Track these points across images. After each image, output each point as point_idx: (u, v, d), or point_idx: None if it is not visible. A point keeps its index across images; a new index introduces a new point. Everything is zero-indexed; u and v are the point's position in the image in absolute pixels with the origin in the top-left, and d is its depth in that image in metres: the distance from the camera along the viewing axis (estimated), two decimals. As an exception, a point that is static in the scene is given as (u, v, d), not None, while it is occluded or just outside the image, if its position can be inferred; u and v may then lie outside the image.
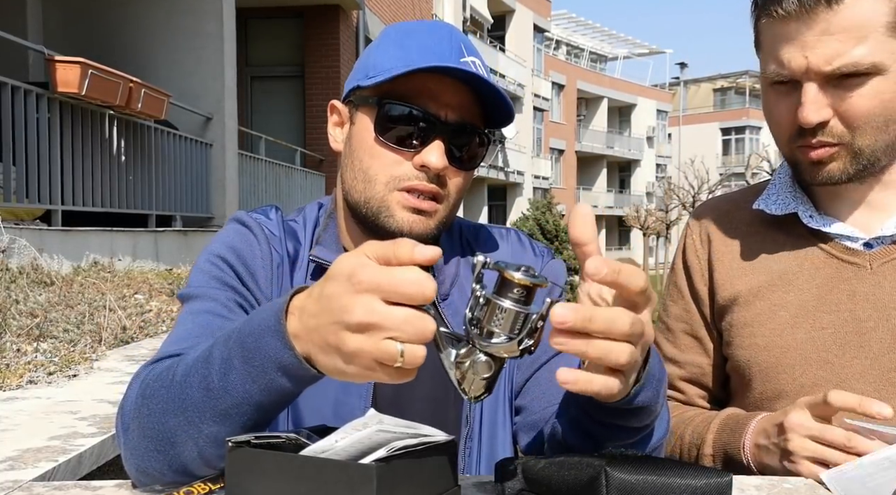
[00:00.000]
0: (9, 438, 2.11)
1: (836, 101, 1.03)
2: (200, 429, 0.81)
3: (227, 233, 1.10)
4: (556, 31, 40.88)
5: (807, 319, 1.13)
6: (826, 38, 1.00)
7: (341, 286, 0.68)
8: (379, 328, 0.66)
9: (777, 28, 1.04)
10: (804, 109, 1.03)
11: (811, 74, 1.02)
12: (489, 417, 1.09)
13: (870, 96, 1.02)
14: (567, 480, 0.77)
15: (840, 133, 1.05)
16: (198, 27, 8.26)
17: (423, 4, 17.73)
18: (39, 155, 5.51)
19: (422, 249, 0.67)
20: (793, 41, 1.02)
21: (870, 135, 1.05)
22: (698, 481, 0.73)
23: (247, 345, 0.77)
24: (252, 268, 1.06)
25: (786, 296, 1.15)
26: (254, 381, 0.77)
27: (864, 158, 1.07)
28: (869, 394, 1.02)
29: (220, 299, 1.01)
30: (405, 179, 1.02)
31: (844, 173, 1.08)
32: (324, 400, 1.03)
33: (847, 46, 0.99)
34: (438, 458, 0.76)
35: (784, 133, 1.10)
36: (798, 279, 1.15)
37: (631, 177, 46.52)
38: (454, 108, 1.01)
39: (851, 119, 1.04)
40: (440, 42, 1.02)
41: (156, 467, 0.85)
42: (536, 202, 25.59)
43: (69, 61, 5.60)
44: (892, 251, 1.11)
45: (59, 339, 3.60)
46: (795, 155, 1.11)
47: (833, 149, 1.06)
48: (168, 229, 7.36)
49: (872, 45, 0.99)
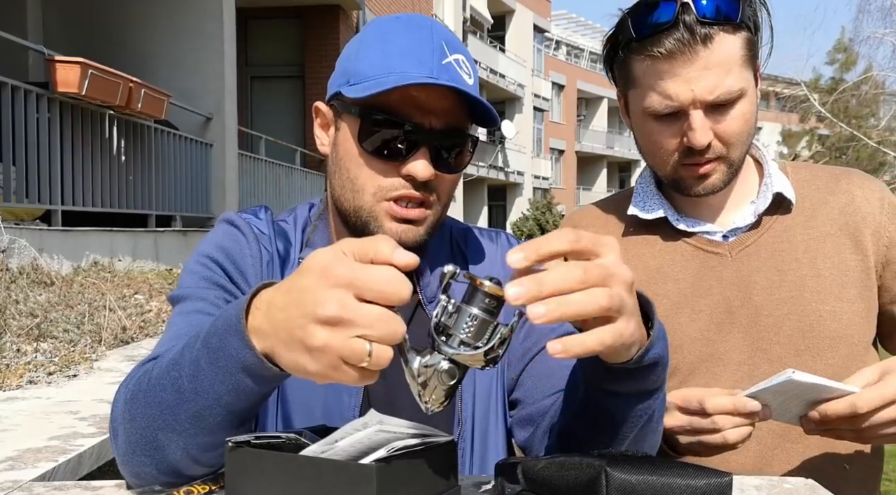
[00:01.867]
0: (9, 438, 2.11)
1: (715, 124, 1.20)
2: (179, 431, 0.81)
3: (215, 234, 1.10)
4: (556, 32, 40.87)
5: (686, 305, 1.30)
6: (706, 72, 1.16)
7: (314, 279, 0.66)
8: (349, 324, 0.64)
9: (659, 66, 1.18)
10: (696, 134, 1.19)
11: (697, 103, 1.18)
12: (481, 418, 1.08)
13: (739, 117, 1.20)
14: (567, 480, 0.77)
15: (719, 150, 1.22)
16: (198, 27, 8.26)
17: (422, 4, 17.73)
18: (39, 155, 5.51)
19: (401, 253, 0.67)
20: (677, 76, 1.17)
21: (740, 148, 1.24)
22: (699, 481, 0.73)
23: (211, 346, 0.76)
24: (241, 266, 1.06)
25: (664, 287, 1.32)
26: (221, 383, 0.77)
27: (734, 168, 1.26)
28: (743, 362, 1.25)
29: (210, 299, 1.01)
30: (392, 189, 1.01)
31: (723, 183, 1.26)
32: (314, 398, 1.03)
33: (721, 78, 1.17)
34: (438, 458, 0.76)
35: (670, 156, 1.25)
36: (672, 271, 1.33)
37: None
38: (438, 114, 1.00)
39: (728, 137, 1.21)
40: (420, 44, 1.00)
41: (146, 471, 0.86)
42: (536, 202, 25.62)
43: (69, 61, 5.61)
44: (746, 240, 1.31)
45: (59, 339, 3.60)
46: (679, 173, 1.26)
47: (714, 164, 1.24)
48: (168, 229, 7.36)
49: (737, 74, 1.18)
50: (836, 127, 21.64)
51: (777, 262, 1.29)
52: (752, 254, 1.30)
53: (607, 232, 1.39)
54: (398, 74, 0.97)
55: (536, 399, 1.07)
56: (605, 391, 0.86)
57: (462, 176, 1.11)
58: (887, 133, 21.23)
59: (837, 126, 21.44)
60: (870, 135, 20.60)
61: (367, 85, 0.98)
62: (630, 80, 1.24)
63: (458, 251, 1.17)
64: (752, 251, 1.30)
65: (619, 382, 0.84)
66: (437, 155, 1.01)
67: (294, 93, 12.30)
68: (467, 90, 0.98)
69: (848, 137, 20.97)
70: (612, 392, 0.86)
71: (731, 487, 0.74)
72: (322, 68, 11.99)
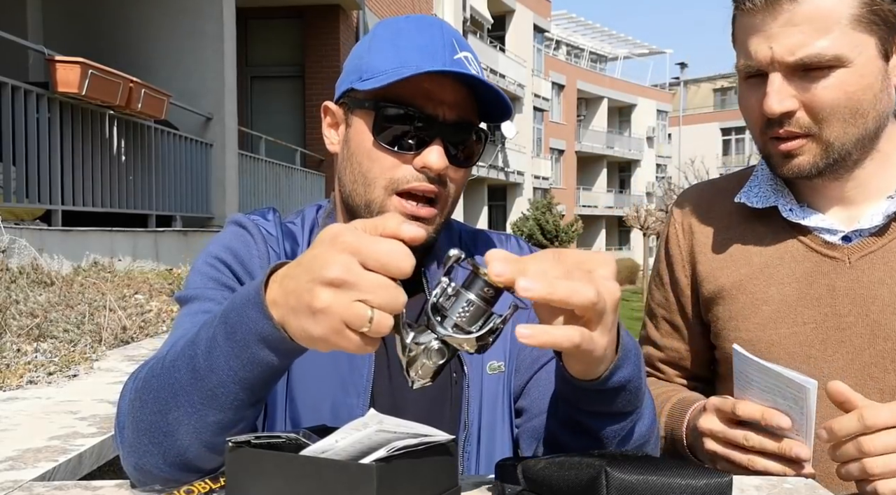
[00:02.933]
0: (9, 438, 2.11)
1: (801, 92, 1.05)
2: (190, 413, 0.81)
3: (223, 235, 1.10)
4: (556, 32, 40.88)
5: (789, 314, 1.14)
6: (789, 28, 1.02)
7: (324, 246, 0.69)
8: (352, 287, 0.67)
9: (746, 20, 1.07)
10: (769, 99, 1.05)
11: (776, 65, 1.04)
12: (488, 421, 1.09)
13: (834, 88, 1.03)
14: (567, 480, 0.77)
15: (807, 124, 1.06)
16: (198, 27, 8.26)
17: (422, 4, 17.72)
18: (39, 155, 5.51)
19: (408, 226, 0.69)
20: (759, 32, 1.05)
21: (837, 127, 1.05)
22: (698, 481, 0.73)
23: (230, 320, 0.77)
24: (249, 267, 1.06)
25: (768, 290, 1.16)
26: (237, 357, 0.77)
27: (833, 151, 1.07)
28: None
29: (217, 299, 1.01)
30: (405, 182, 1.01)
31: (814, 166, 1.08)
32: (322, 399, 1.03)
33: (810, 38, 1.01)
34: (439, 458, 0.76)
35: (756, 125, 1.12)
36: (779, 272, 1.16)
37: (631, 178, 46.51)
38: (451, 106, 1.01)
39: (817, 110, 1.05)
40: (432, 39, 1.01)
41: (152, 462, 0.85)
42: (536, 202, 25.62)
43: (69, 61, 5.60)
44: (870, 244, 1.12)
45: (59, 339, 3.60)
46: (768, 147, 1.12)
47: (802, 141, 1.07)
48: (168, 229, 7.36)
49: (836, 37, 1.01)
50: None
51: None
52: (875, 261, 1.11)
53: (713, 219, 1.25)
54: (413, 66, 0.98)
55: (542, 409, 1.07)
56: (579, 409, 0.88)
57: (469, 174, 1.11)
58: None
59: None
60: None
61: (382, 77, 0.99)
62: (733, 38, 1.13)
63: (468, 252, 1.17)
64: (876, 258, 1.11)
65: (588, 402, 0.86)
66: (449, 148, 1.02)
67: (294, 93, 12.29)
68: (483, 79, 1.00)
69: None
70: (585, 411, 0.88)
71: (731, 487, 0.74)
72: (322, 68, 11.98)
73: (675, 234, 1.31)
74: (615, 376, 0.82)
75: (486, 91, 1.02)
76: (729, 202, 1.24)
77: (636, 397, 0.87)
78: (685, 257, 1.29)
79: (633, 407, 0.88)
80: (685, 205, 1.31)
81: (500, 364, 1.10)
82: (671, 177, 33.64)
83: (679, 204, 1.33)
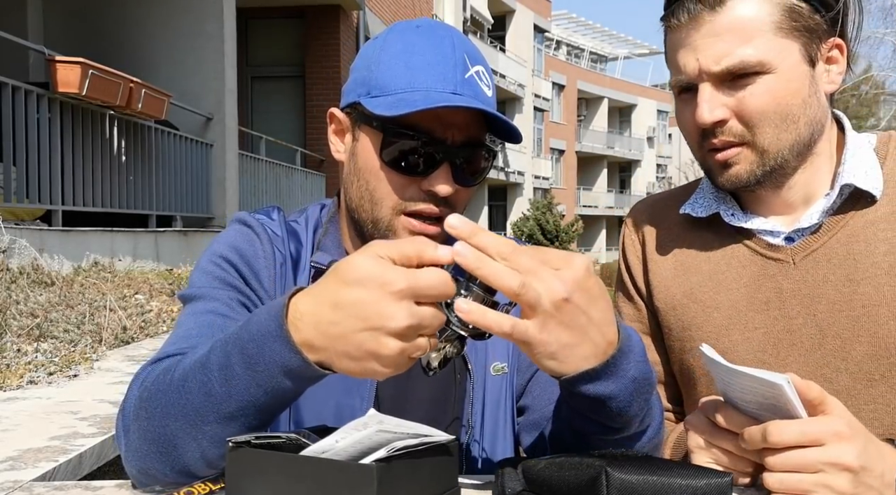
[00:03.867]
0: (9, 438, 2.11)
1: (731, 101, 1.06)
2: (203, 432, 0.81)
3: (229, 234, 1.10)
4: (556, 32, 40.90)
5: (739, 320, 1.14)
6: (712, 39, 1.04)
7: (373, 293, 0.69)
8: (419, 329, 0.70)
9: (674, 37, 1.09)
10: (700, 109, 1.06)
11: (703, 75, 1.06)
12: (491, 422, 1.09)
13: (762, 94, 1.05)
14: (567, 480, 0.77)
15: (739, 132, 1.07)
16: (198, 27, 8.26)
17: (422, 4, 17.72)
18: (39, 155, 5.51)
19: (443, 250, 0.72)
20: (685, 46, 1.07)
21: (770, 132, 1.06)
22: (699, 481, 0.73)
23: (248, 351, 0.77)
24: (255, 267, 1.06)
25: (717, 297, 1.16)
26: (258, 386, 0.77)
27: (769, 158, 1.08)
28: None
29: (223, 299, 1.01)
30: (412, 204, 1.01)
31: (752, 174, 1.09)
32: (325, 401, 1.03)
33: (733, 46, 1.03)
34: (439, 458, 0.76)
35: (693, 139, 1.13)
36: (727, 278, 1.16)
37: (631, 178, 46.53)
38: (460, 128, 1.00)
39: (748, 116, 1.06)
40: (444, 58, 1.00)
41: (157, 468, 0.85)
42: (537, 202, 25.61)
43: (69, 61, 5.61)
44: (812, 243, 1.11)
45: (59, 339, 3.60)
46: (707, 160, 1.12)
47: (738, 149, 1.08)
48: (168, 229, 7.36)
49: (758, 44, 1.03)
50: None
51: (849, 270, 1.08)
52: (819, 260, 1.10)
53: (663, 229, 1.26)
54: (423, 92, 0.97)
55: (543, 405, 1.07)
56: (575, 411, 0.89)
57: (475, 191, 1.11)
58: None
59: (837, 126, 21.42)
60: (870, 136, 20.58)
61: (390, 100, 0.98)
62: (667, 60, 1.14)
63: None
64: (819, 256, 1.10)
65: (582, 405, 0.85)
66: (457, 169, 1.02)
67: (294, 93, 12.29)
68: (492, 111, 1.00)
69: (848, 137, 20.95)
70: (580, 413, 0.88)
71: (731, 487, 0.74)
72: (322, 68, 11.99)
73: (632, 244, 1.30)
74: (588, 385, 0.80)
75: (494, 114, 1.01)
76: (676, 213, 1.24)
77: (623, 418, 0.85)
78: (640, 268, 1.28)
79: (621, 425, 0.87)
80: (637, 216, 1.32)
81: (504, 365, 1.11)
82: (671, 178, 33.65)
83: (631, 216, 1.34)
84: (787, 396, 0.81)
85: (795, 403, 0.82)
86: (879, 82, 21.34)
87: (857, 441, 0.81)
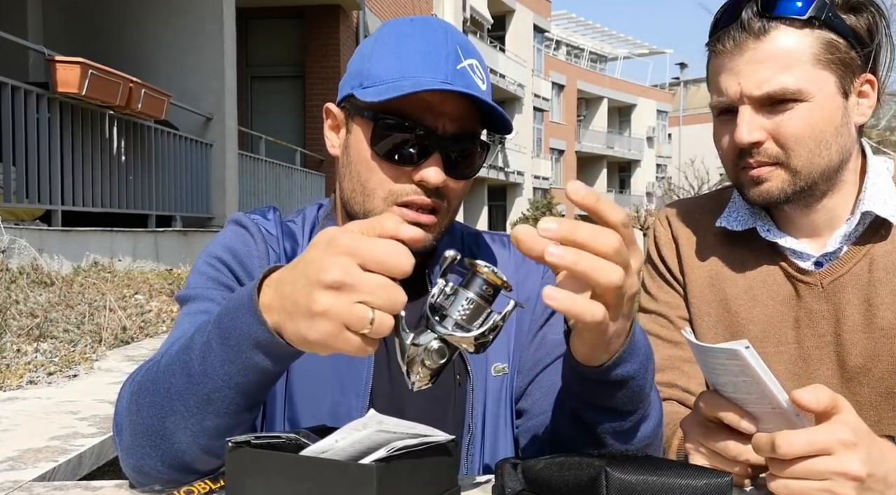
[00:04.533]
0: (9, 438, 2.11)
1: (769, 124, 1.14)
2: (187, 418, 0.81)
3: (224, 235, 1.10)
4: (556, 32, 40.88)
5: (773, 334, 1.23)
6: (755, 65, 1.12)
7: (319, 249, 0.69)
8: (352, 289, 0.66)
9: (718, 62, 1.17)
10: (739, 129, 1.14)
11: (744, 98, 1.14)
12: (491, 423, 1.09)
13: (798, 119, 1.12)
14: (567, 480, 0.77)
15: (775, 153, 1.15)
16: (198, 27, 8.26)
17: (422, 4, 17.73)
18: (39, 155, 5.51)
19: (406, 227, 0.69)
20: (728, 71, 1.15)
21: (803, 156, 1.14)
22: (698, 481, 0.73)
23: (223, 325, 0.77)
24: (249, 267, 1.06)
25: (753, 311, 1.24)
26: (231, 362, 0.77)
27: (800, 179, 1.15)
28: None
29: (217, 299, 1.01)
30: (403, 195, 1.01)
31: (783, 193, 1.16)
32: (321, 400, 1.03)
33: (774, 73, 1.11)
34: (438, 458, 0.76)
35: (729, 158, 1.20)
36: (762, 295, 1.24)
37: (631, 178, 46.53)
38: (452, 118, 1.00)
39: (784, 140, 1.14)
40: (435, 48, 1.00)
41: (151, 464, 0.85)
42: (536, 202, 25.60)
43: (69, 61, 5.61)
44: (838, 268, 1.20)
45: (59, 339, 3.60)
46: (739, 177, 1.20)
47: (771, 168, 1.16)
48: (168, 229, 7.36)
49: (798, 73, 1.11)
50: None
51: (870, 296, 1.17)
52: (845, 285, 1.19)
53: (696, 238, 1.32)
54: (413, 79, 0.97)
55: (542, 409, 1.06)
56: (582, 401, 0.88)
57: (470, 185, 1.10)
58: (887, 133, 21.25)
59: (837, 126, 21.44)
60: (870, 135, 20.59)
61: (381, 88, 0.98)
62: (708, 83, 1.22)
63: (470, 255, 1.16)
64: (845, 281, 1.19)
65: (590, 393, 0.86)
66: (449, 160, 1.01)
67: (294, 93, 12.30)
68: (481, 96, 0.99)
69: (848, 137, 20.98)
70: (587, 402, 0.88)
71: (730, 487, 0.74)
72: (322, 68, 11.99)
73: (668, 242, 1.35)
74: (618, 368, 0.81)
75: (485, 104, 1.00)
76: (710, 224, 1.30)
77: (638, 397, 0.87)
78: (677, 265, 1.34)
79: (634, 407, 0.88)
80: (671, 217, 1.37)
81: (504, 366, 1.10)
82: (671, 178, 33.63)
83: (665, 214, 1.38)
84: (747, 361, 0.81)
85: (760, 371, 0.81)
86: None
87: (862, 448, 0.82)
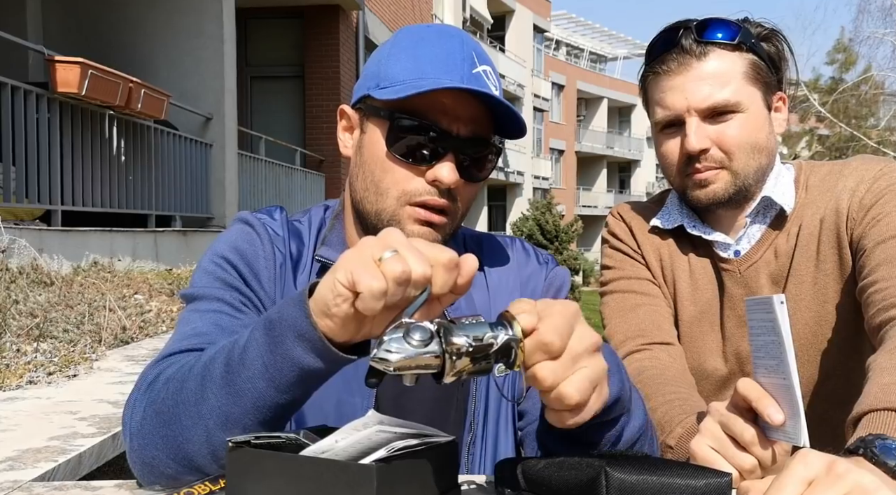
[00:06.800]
0: (9, 438, 2.11)
1: (712, 133, 1.31)
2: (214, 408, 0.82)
3: (230, 234, 1.10)
4: (555, 32, 40.87)
5: (709, 313, 1.41)
6: (699, 82, 1.30)
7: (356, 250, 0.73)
8: (407, 249, 0.72)
9: (661, 81, 1.34)
10: (689, 139, 1.30)
11: (691, 111, 1.30)
12: (493, 423, 1.09)
13: (737, 128, 1.30)
14: (567, 480, 0.77)
15: (720, 158, 1.32)
16: (198, 27, 8.26)
17: (422, 5, 17.73)
18: (39, 155, 5.51)
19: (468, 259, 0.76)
20: (674, 88, 1.32)
21: (742, 160, 1.32)
22: (698, 481, 0.73)
23: (270, 317, 0.80)
24: (255, 267, 1.06)
25: (695, 294, 1.43)
26: (271, 352, 0.78)
27: (739, 179, 1.33)
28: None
29: (226, 299, 1.02)
30: (417, 195, 1.01)
31: (726, 192, 1.33)
32: (326, 399, 1.03)
33: (714, 89, 1.29)
34: (439, 458, 0.76)
35: (675, 166, 1.36)
36: (701, 280, 1.43)
37: (631, 178, 46.52)
38: (466, 121, 1.01)
39: (727, 146, 1.31)
40: (452, 53, 1.01)
41: (161, 458, 0.86)
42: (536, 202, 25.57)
43: (69, 61, 5.60)
44: (752, 255, 1.38)
45: (58, 339, 3.60)
46: (685, 183, 1.36)
47: (716, 171, 1.33)
48: (168, 229, 7.36)
49: (734, 88, 1.30)
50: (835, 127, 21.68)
51: (776, 276, 1.37)
52: (759, 269, 1.38)
53: (647, 234, 1.49)
54: (431, 79, 0.98)
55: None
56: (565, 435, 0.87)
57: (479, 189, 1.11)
58: (887, 133, 21.24)
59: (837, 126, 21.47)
60: (869, 135, 20.63)
61: (398, 88, 0.99)
62: (645, 100, 1.40)
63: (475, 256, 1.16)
64: (759, 267, 1.38)
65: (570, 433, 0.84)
66: (462, 162, 1.02)
67: (294, 93, 12.29)
68: (499, 97, 1.00)
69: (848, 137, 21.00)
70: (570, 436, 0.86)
71: (730, 487, 0.74)
72: (322, 68, 11.98)
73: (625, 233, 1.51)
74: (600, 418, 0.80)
75: (502, 107, 1.01)
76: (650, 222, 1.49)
77: (622, 405, 0.87)
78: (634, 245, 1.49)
79: (621, 412, 0.88)
80: (624, 214, 1.52)
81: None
82: (671, 178, 33.58)
83: (619, 210, 1.55)
84: (776, 313, 0.84)
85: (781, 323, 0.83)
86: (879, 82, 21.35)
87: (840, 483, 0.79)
